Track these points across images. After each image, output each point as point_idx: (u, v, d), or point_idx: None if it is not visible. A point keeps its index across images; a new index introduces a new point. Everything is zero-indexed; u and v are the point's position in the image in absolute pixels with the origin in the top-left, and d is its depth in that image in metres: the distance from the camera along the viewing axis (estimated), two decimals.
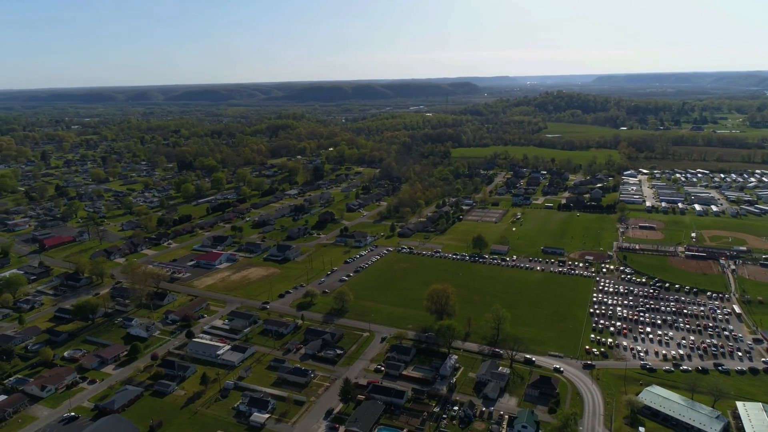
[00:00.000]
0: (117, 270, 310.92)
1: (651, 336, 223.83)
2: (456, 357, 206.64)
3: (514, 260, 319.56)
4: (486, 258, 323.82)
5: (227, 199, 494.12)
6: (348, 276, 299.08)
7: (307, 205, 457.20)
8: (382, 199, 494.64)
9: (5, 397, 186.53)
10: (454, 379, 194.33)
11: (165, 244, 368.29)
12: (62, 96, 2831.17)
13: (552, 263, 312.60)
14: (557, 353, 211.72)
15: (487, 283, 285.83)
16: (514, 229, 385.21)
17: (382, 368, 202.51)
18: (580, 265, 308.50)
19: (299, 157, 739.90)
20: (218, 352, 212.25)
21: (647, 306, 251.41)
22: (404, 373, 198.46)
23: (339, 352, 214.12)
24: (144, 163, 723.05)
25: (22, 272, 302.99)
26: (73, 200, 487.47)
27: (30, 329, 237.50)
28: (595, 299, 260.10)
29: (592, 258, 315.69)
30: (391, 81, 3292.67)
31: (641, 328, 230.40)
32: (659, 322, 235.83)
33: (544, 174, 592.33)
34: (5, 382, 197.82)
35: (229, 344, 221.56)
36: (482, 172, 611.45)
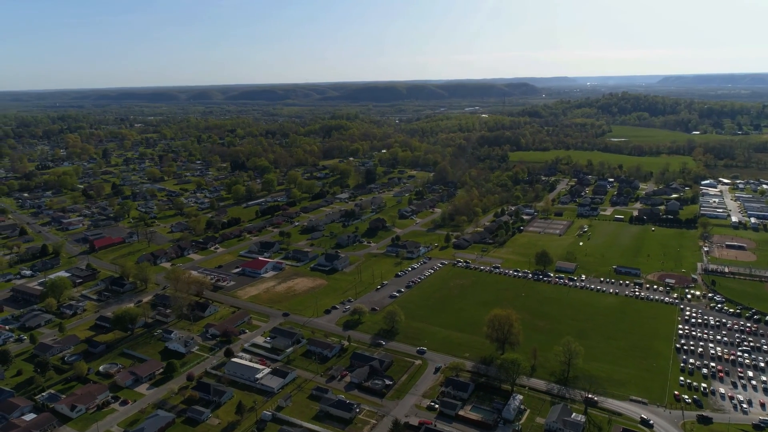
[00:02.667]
0: (162, 275, 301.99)
1: (754, 382, 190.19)
2: (521, 397, 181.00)
3: (582, 280, 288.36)
4: (551, 276, 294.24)
5: (277, 201, 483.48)
6: (399, 291, 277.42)
7: (358, 211, 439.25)
8: (436, 206, 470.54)
9: (34, 415, 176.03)
10: (519, 425, 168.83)
11: (212, 248, 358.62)
12: (130, 95, 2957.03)
13: (627, 285, 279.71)
14: (640, 398, 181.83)
15: (553, 306, 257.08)
16: (581, 243, 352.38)
17: (436, 406, 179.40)
18: (660, 289, 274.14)
19: (351, 159, 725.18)
20: (257, 376, 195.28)
21: (746, 344, 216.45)
22: (461, 413, 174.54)
23: (388, 382, 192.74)
24: (199, 162, 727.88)
25: (69, 275, 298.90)
26: (127, 199, 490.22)
27: (69, 338, 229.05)
28: (681, 332, 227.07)
29: (673, 281, 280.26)
30: (446, 81, 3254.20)
31: (741, 372, 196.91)
32: (762, 365, 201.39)
33: (612, 182, 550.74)
34: (37, 397, 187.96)
35: (269, 366, 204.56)
36: (543, 178, 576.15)
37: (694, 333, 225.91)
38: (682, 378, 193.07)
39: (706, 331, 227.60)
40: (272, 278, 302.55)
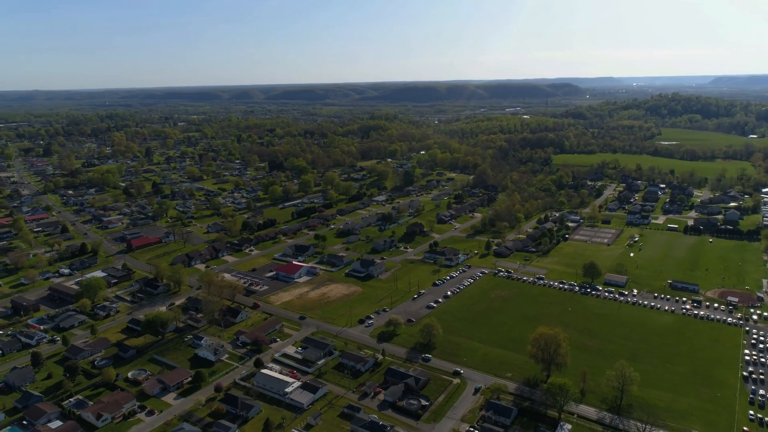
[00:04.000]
0: (195, 277, 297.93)
1: None
2: (569, 426, 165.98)
3: (634, 295, 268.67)
4: (599, 290, 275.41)
5: (313, 203, 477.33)
6: (436, 302, 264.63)
7: (395, 214, 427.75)
8: (475, 211, 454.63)
9: (60, 423, 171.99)
10: None
11: (246, 250, 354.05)
12: (176, 94, 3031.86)
13: (684, 302, 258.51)
14: None
15: (602, 323, 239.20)
16: (631, 254, 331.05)
17: None
18: (721, 308, 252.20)
19: (389, 160, 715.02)
20: (287, 390, 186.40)
21: None
22: None
23: (424, 402, 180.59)
24: (238, 161, 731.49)
25: (105, 274, 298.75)
26: (166, 198, 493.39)
27: (100, 341, 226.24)
28: (747, 358, 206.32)
29: (736, 299, 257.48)
30: (487, 81, 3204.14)
31: None
32: None
33: (663, 188, 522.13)
34: (65, 403, 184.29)
35: (299, 379, 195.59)
36: (589, 183, 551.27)
37: (763, 360, 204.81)
38: (751, 412, 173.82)
39: None
40: (306, 284, 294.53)
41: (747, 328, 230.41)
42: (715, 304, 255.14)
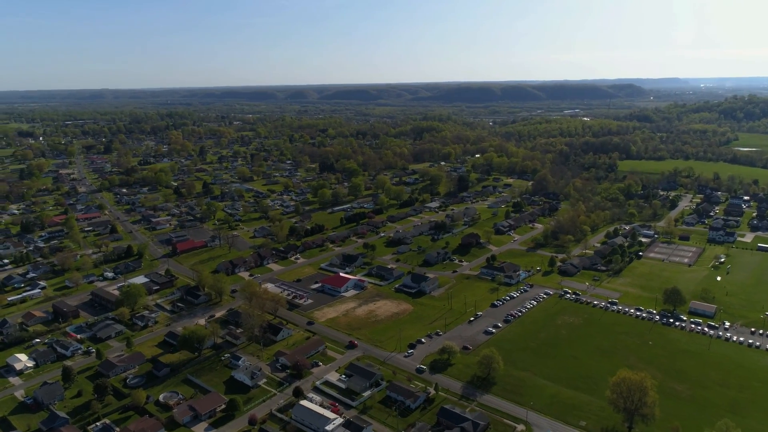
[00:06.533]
0: (238, 286, 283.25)
1: None
2: None
3: (726, 329, 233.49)
4: (684, 320, 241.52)
5: (363, 208, 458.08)
6: (495, 327, 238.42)
7: (449, 223, 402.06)
8: (536, 221, 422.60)
9: None
10: None
11: (292, 258, 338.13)
12: (233, 93, 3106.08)
13: None
14: None
15: (692, 363, 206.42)
16: (718, 278, 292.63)
17: None
18: None
19: (443, 163, 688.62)
20: (327, 428, 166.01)
21: None
22: None
23: None
24: (289, 162, 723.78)
25: (147, 280, 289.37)
26: (215, 199, 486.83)
27: (135, 355, 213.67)
28: None
29: None
30: (543, 82, 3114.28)
31: None
32: None
33: (747, 200, 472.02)
34: (90, 427, 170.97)
35: (341, 414, 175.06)
36: (661, 192, 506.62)
37: None
38: None
39: None
40: (353, 298, 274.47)
41: None
42: None
